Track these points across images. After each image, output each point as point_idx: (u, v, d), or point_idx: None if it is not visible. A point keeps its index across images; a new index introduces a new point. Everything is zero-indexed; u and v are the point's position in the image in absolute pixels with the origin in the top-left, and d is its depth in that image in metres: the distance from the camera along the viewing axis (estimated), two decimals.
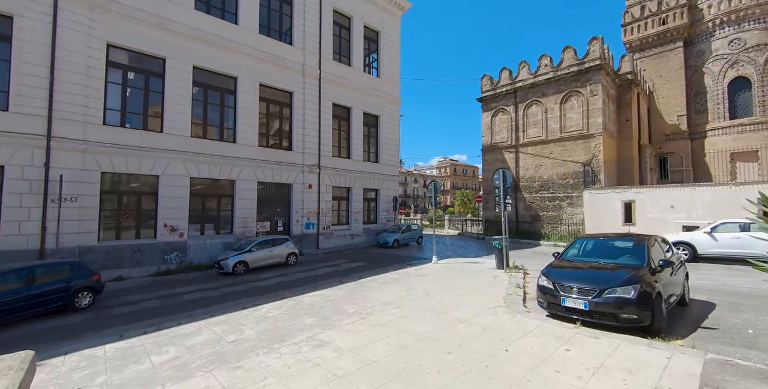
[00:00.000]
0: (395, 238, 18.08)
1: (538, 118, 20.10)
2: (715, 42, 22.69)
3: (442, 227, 29.97)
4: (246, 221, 14.83)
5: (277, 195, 16.25)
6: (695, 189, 13.84)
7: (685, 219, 13.96)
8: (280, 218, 16.23)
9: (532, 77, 20.32)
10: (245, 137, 14.97)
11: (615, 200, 15.93)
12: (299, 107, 16.85)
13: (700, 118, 23.38)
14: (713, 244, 10.78)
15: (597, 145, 17.79)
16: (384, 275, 9.90)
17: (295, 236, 16.30)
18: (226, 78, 14.82)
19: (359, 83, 19.41)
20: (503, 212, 9.72)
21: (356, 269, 12.36)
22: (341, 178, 18.37)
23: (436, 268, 10.78)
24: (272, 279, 11.34)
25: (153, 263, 12.49)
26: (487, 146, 22.65)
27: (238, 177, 14.65)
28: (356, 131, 19.35)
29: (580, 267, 5.75)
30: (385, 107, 20.89)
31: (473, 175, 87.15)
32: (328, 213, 17.66)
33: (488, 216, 22.59)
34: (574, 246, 6.55)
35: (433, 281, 8.57)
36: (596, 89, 17.82)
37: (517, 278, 8.44)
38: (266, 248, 13.08)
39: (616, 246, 6.10)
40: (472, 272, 9.73)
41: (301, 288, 9.38)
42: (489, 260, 12.50)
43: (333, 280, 10.12)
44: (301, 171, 16.66)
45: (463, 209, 56.41)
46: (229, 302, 8.61)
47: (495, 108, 22.22)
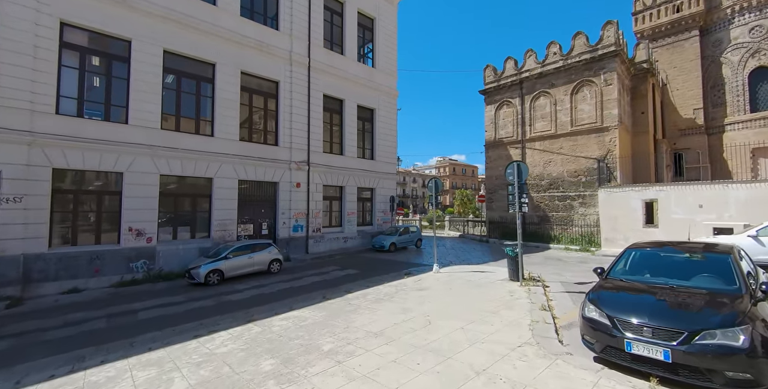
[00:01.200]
0: (392, 241, 16.57)
1: (547, 110, 18.60)
2: (734, 30, 21.23)
3: (443, 229, 28.47)
4: (225, 223, 13.30)
5: (261, 195, 14.73)
6: (728, 187, 12.34)
7: (716, 220, 12.46)
8: (264, 220, 14.71)
9: (539, 67, 18.82)
10: (225, 131, 13.46)
11: (634, 200, 14.43)
12: (286, 98, 15.34)
13: (718, 111, 21.92)
14: (760, 250, 9.27)
15: (612, 139, 16.29)
16: (376, 289, 8.38)
17: (281, 239, 14.79)
18: (202, 64, 13.31)
19: (353, 74, 17.91)
20: (518, 213, 8.23)
21: (346, 278, 10.85)
22: (333, 176, 16.86)
23: (438, 279, 9.26)
24: (248, 291, 9.84)
25: (116, 272, 10.97)
26: (491, 141, 21.15)
27: (216, 175, 13.13)
28: (349, 125, 17.84)
29: (644, 292, 4.19)
30: (381, 100, 19.39)
31: (472, 174, 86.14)
32: (319, 214, 16.14)
33: (492, 217, 21.09)
34: (624, 259, 5.01)
35: (435, 298, 7.06)
36: (611, 78, 16.33)
37: (538, 295, 6.92)
38: (245, 254, 11.57)
39: (687, 261, 4.55)
40: (482, 285, 8.22)
41: (277, 305, 7.88)
42: (498, 269, 10.99)
43: (316, 294, 8.61)
44: (288, 168, 15.15)
45: (464, 210, 54.93)
46: (188, 323, 7.12)
47: (499, 101, 20.72)
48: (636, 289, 4.32)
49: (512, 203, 8.29)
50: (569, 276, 9.85)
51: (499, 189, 20.73)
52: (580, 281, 8.89)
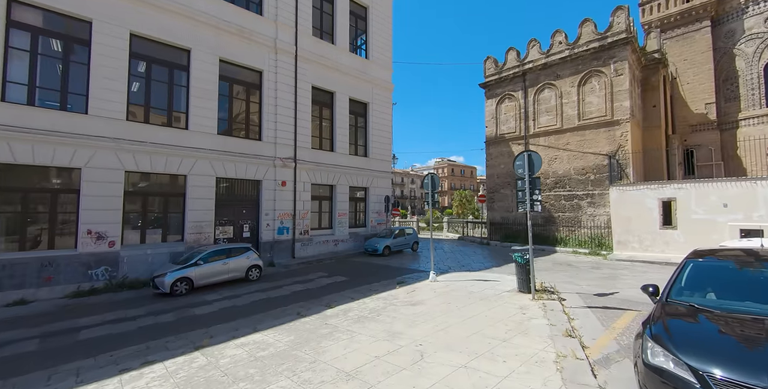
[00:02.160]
0: (386, 244, 15.32)
1: (552, 104, 17.41)
2: (749, 19, 20.12)
3: (441, 231, 27.22)
4: (201, 225, 12.05)
5: (242, 194, 13.48)
6: (756, 184, 11.14)
7: (744, 221, 11.25)
8: (246, 221, 13.45)
9: (543, 57, 17.64)
10: (201, 123, 12.22)
11: (650, 199, 13.22)
12: (270, 89, 14.12)
13: (731, 106, 20.77)
14: None
15: (623, 133, 15.09)
16: (362, 303, 7.13)
17: (265, 243, 13.54)
18: (176, 50, 12.08)
19: (344, 65, 16.70)
20: (529, 212, 7.01)
21: (331, 287, 9.60)
22: (323, 174, 15.62)
23: (435, 289, 8.02)
24: (219, 303, 8.60)
25: (71, 280, 9.70)
26: (492, 137, 19.94)
27: (190, 172, 11.88)
28: (341, 119, 16.61)
29: (737, 327, 2.86)
30: (374, 94, 18.18)
31: (471, 175, 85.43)
32: (307, 215, 14.89)
33: (493, 218, 19.87)
34: (686, 274, 3.73)
35: (430, 316, 5.80)
36: (622, 68, 15.15)
37: (556, 313, 5.66)
38: (219, 260, 10.31)
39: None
40: (486, 298, 6.98)
41: (243, 322, 6.63)
42: (503, 276, 9.76)
43: (292, 308, 7.36)
44: (273, 165, 13.90)
45: (463, 211, 53.80)
46: (131, 346, 5.90)
47: (500, 94, 19.52)
48: (718, 320, 2.96)
49: (522, 201, 7.06)
50: (585, 286, 8.63)
51: (501, 188, 19.53)
52: (601, 293, 7.66)
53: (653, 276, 9.40)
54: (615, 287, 8.33)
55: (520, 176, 7.02)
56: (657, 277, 9.24)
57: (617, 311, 6.12)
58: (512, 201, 18.97)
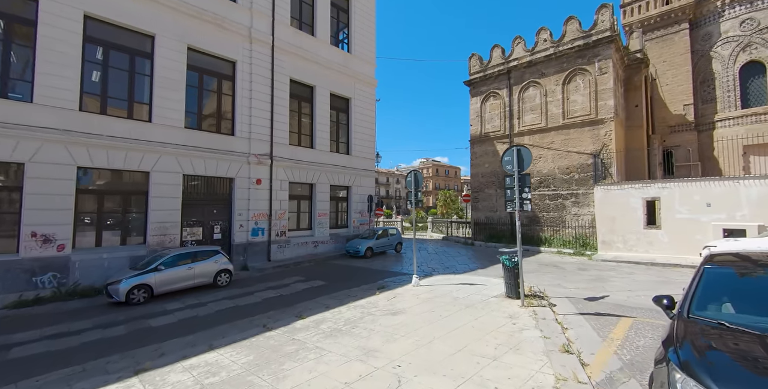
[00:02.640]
0: (368, 246, 14.68)
1: (537, 102, 17.19)
2: (725, 23, 20.53)
3: (425, 231, 26.79)
4: (165, 226, 11.09)
5: (213, 193, 12.57)
6: (739, 183, 11.10)
7: (727, 221, 11.20)
8: (217, 222, 12.55)
9: (528, 55, 17.39)
10: (166, 116, 11.26)
11: (634, 198, 13.09)
12: (245, 81, 13.25)
13: (708, 107, 21.17)
14: None
15: (608, 132, 14.97)
16: (337, 312, 6.47)
17: (237, 245, 12.67)
18: (138, 36, 11.08)
19: (325, 58, 15.96)
20: (517, 212, 6.52)
21: (307, 293, 8.89)
22: (302, 172, 14.83)
23: (418, 295, 7.44)
24: (179, 313, 7.77)
25: (12, 288, 8.64)
26: (477, 136, 19.60)
27: (153, 168, 10.91)
28: (321, 115, 15.86)
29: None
30: (357, 89, 17.51)
31: (455, 176, 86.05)
32: (284, 216, 14.08)
33: (477, 218, 19.54)
34: (707, 284, 3.14)
35: (411, 328, 5.20)
36: (606, 66, 15.02)
37: (548, 322, 5.16)
38: (183, 264, 9.43)
39: None
40: (472, 304, 6.44)
41: (200, 337, 5.87)
42: (489, 280, 9.29)
43: (259, 319, 6.63)
44: (247, 162, 13.04)
45: (447, 210, 53.79)
46: (65, 368, 5.10)
47: (485, 92, 19.20)
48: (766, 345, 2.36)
49: (510, 200, 6.57)
50: (574, 289, 8.25)
51: (485, 188, 19.22)
52: (591, 297, 7.27)
53: (641, 278, 9.14)
54: (604, 290, 7.98)
55: (508, 172, 6.53)
56: (644, 279, 8.98)
57: (612, 318, 5.70)
58: (497, 201, 18.69)
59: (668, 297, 3.09)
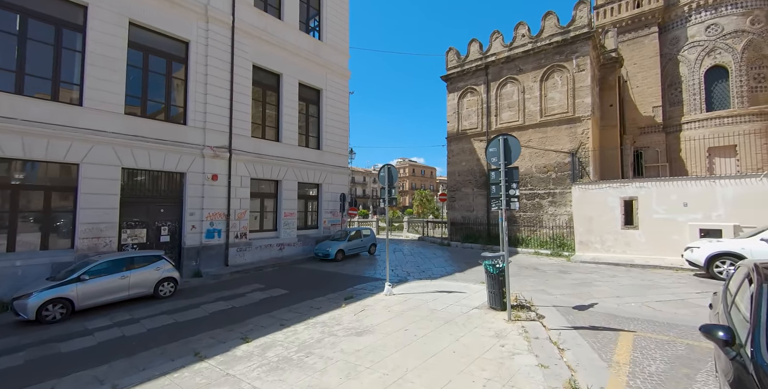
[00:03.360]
0: (339, 248, 13.59)
1: (514, 99, 16.74)
2: (691, 28, 21.10)
3: (401, 231, 25.98)
4: (99, 228, 9.52)
5: (160, 190, 11.05)
6: (715, 183, 10.98)
7: (703, 221, 11.05)
8: (164, 223, 11.04)
9: (506, 50, 16.92)
10: (101, 99, 9.67)
11: (612, 197, 12.81)
12: (199, 64, 11.79)
13: (676, 110, 21.72)
14: None
15: (585, 130, 14.70)
16: (292, 332, 5.40)
17: (189, 249, 11.23)
18: (66, 5, 9.43)
19: (293, 44, 14.70)
20: (502, 211, 5.72)
21: (262, 306, 7.72)
22: (266, 167, 13.52)
23: (390, 308, 6.48)
24: (102, 333, 6.41)
25: None
26: (454, 133, 18.97)
27: (84, 160, 9.32)
28: (289, 106, 14.59)
29: None
30: (329, 80, 16.36)
31: (431, 176, 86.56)
32: (245, 215, 12.73)
33: (454, 218, 18.92)
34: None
35: (379, 356, 4.15)
36: (584, 63, 14.74)
37: (542, 342, 4.28)
38: (116, 272, 7.99)
39: None
40: (452, 319, 5.54)
41: (116, 368, 4.64)
42: (468, 286, 8.51)
43: (196, 342, 5.46)
44: (201, 155, 11.61)
45: (423, 210, 53.57)
46: None
47: (463, 88, 18.60)
48: None
49: (496, 197, 5.77)
50: (558, 295, 7.60)
51: (462, 187, 18.62)
52: (579, 305, 6.61)
53: (625, 282, 8.66)
54: (591, 297, 7.38)
55: (494, 165, 5.72)
56: (629, 282, 8.51)
57: (609, 333, 5.01)
58: (473, 200, 18.15)
59: (725, 328, 2.30)
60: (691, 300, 6.79)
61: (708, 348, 4.40)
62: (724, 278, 8.29)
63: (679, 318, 5.71)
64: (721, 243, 8.46)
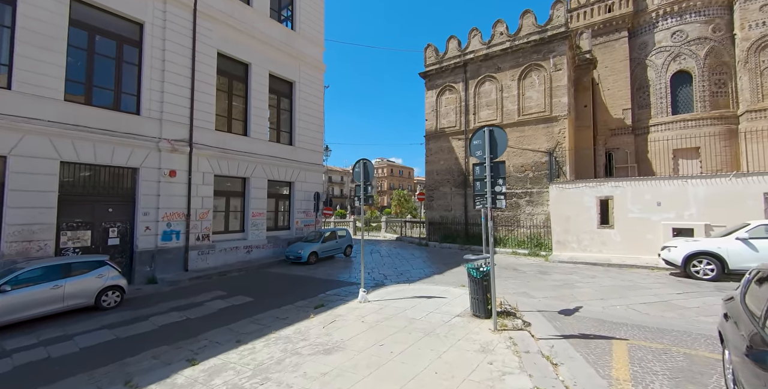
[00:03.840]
0: (312, 250, 12.81)
1: (492, 97, 16.57)
2: (658, 33, 21.87)
3: (379, 231, 25.42)
4: (32, 230, 8.30)
5: (108, 187, 9.88)
6: (687, 183, 11.13)
7: (675, 220, 11.18)
8: (113, 224, 9.88)
9: (485, 48, 16.72)
10: (34, 83, 8.45)
11: (588, 197, 12.80)
12: (156, 48, 10.68)
13: (644, 113, 22.44)
14: (752, 256, 7.69)
15: (561, 130, 14.70)
16: (249, 351, 4.67)
17: (142, 252, 10.11)
18: None
19: (263, 32, 13.77)
20: (488, 209, 5.26)
21: (220, 317, 6.89)
22: (232, 163, 12.53)
23: (364, 318, 5.86)
24: (21, 355, 5.41)
25: None
26: (432, 132, 18.60)
27: (12, 152, 8.09)
28: (258, 98, 13.64)
29: None
30: (303, 73, 15.51)
31: (409, 176, 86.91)
32: (207, 215, 11.71)
33: (432, 217, 18.55)
34: None
35: (349, 383, 3.45)
36: (561, 62, 14.74)
37: (534, 358, 3.72)
38: (46, 282, 6.91)
39: None
40: (433, 331, 4.98)
41: None
42: (449, 289, 8.02)
43: (134, 364, 4.62)
44: (157, 149, 10.51)
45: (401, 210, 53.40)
46: None
47: (441, 86, 18.26)
48: None
49: (480, 194, 5.29)
50: (542, 298, 7.26)
51: (440, 186, 18.28)
52: (565, 309, 6.27)
53: (606, 283, 8.48)
54: (575, 299, 7.08)
55: (478, 159, 5.24)
56: (610, 283, 8.34)
57: (601, 342, 4.63)
58: (452, 199, 17.85)
59: None
60: (674, 301, 6.62)
61: (706, 357, 4.10)
62: (701, 277, 8.30)
63: (668, 321, 5.46)
64: (698, 243, 8.45)
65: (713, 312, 5.89)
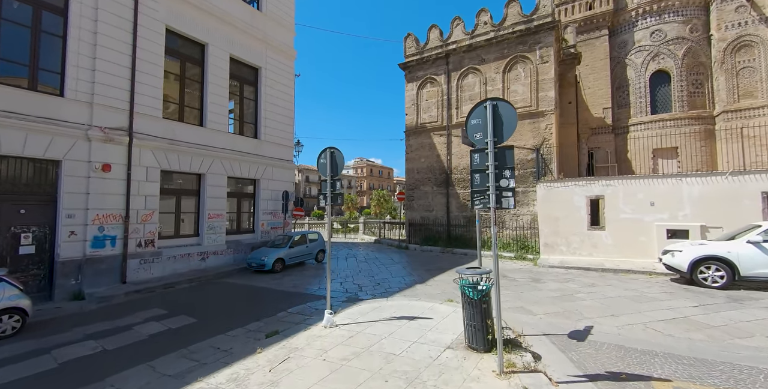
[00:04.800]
0: (278, 257, 11.32)
1: (476, 91, 15.63)
2: (638, 32, 21.78)
3: (356, 232, 24.05)
4: None
5: (18, 183, 8.04)
6: (681, 182, 10.51)
7: (669, 221, 10.54)
8: (26, 228, 8.05)
9: (468, 38, 15.75)
10: None
11: (578, 196, 12.03)
12: (85, 17, 8.89)
13: (623, 112, 22.31)
14: (766, 261, 6.95)
15: (548, 126, 13.92)
16: None
17: (66, 262, 8.32)
18: None
19: (224, 10, 12.13)
20: (492, 210, 4.12)
21: (147, 347, 5.38)
22: (184, 157, 10.85)
23: (326, 353, 4.52)
24: None
25: None
26: (412, 127, 17.47)
27: None
28: (217, 84, 12.00)
29: None
30: (270, 58, 13.95)
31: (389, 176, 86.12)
32: (151, 217, 10.00)
33: (412, 218, 17.42)
34: None
35: None
36: (547, 55, 13.96)
37: None
38: None
39: None
40: (417, 379, 3.68)
41: None
42: (433, 306, 6.84)
43: None
44: (86, 138, 8.73)
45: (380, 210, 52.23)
46: None
47: (422, 78, 17.16)
48: None
49: (479, 191, 4.13)
50: (543, 315, 6.22)
51: (422, 185, 17.17)
52: (574, 331, 5.22)
53: (608, 293, 7.57)
54: (581, 316, 6.08)
55: (477, 145, 4.07)
56: (614, 294, 7.42)
57: (639, 385, 3.55)
58: (433, 199, 16.78)
59: None
60: (694, 317, 5.73)
61: None
62: (709, 285, 7.54)
63: (700, 347, 4.51)
64: (705, 246, 7.70)
65: (744, 332, 5.02)
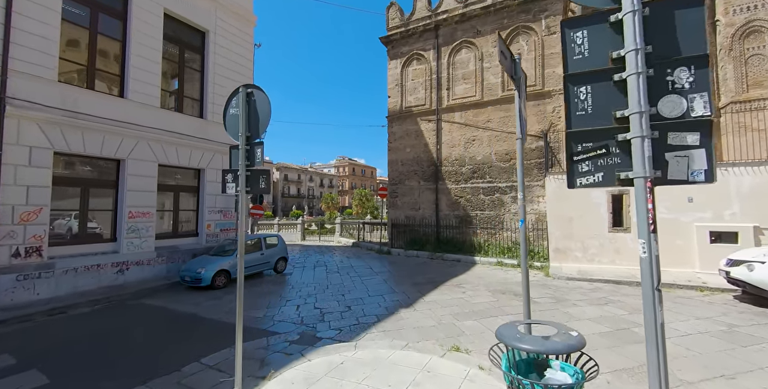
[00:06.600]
0: (221, 268, 8.65)
1: (470, 68, 13.38)
2: None
3: (332, 234, 21.45)
4: None
5: None
6: (728, 172, 8.54)
7: (713, 221, 8.56)
8: None
9: (461, 6, 13.49)
10: None
11: (597, 191, 9.91)
12: None
13: None
14: None
15: (556, 108, 11.80)
16: None
17: None
18: None
19: None
20: (646, 187, 1.55)
21: None
22: (93, 136, 8.08)
23: None
24: None
25: None
26: (396, 111, 15.09)
27: None
28: (145, 44, 9.24)
29: None
30: (221, 20, 11.27)
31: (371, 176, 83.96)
32: (38, 216, 7.20)
33: (396, 218, 15.03)
34: None
35: None
36: (555, 24, 11.85)
37: None
38: None
39: None
40: None
41: None
42: (430, 361, 4.42)
43: None
44: None
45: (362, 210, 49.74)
46: None
47: (407, 54, 14.79)
48: None
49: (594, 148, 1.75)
50: (606, 371, 3.90)
51: (407, 179, 14.81)
52: None
53: (675, 323, 5.35)
54: (673, 376, 3.78)
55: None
56: (689, 329, 5.14)
57: None
58: (420, 196, 14.45)
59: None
60: None
61: None
62: None
63: None
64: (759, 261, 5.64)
65: None
